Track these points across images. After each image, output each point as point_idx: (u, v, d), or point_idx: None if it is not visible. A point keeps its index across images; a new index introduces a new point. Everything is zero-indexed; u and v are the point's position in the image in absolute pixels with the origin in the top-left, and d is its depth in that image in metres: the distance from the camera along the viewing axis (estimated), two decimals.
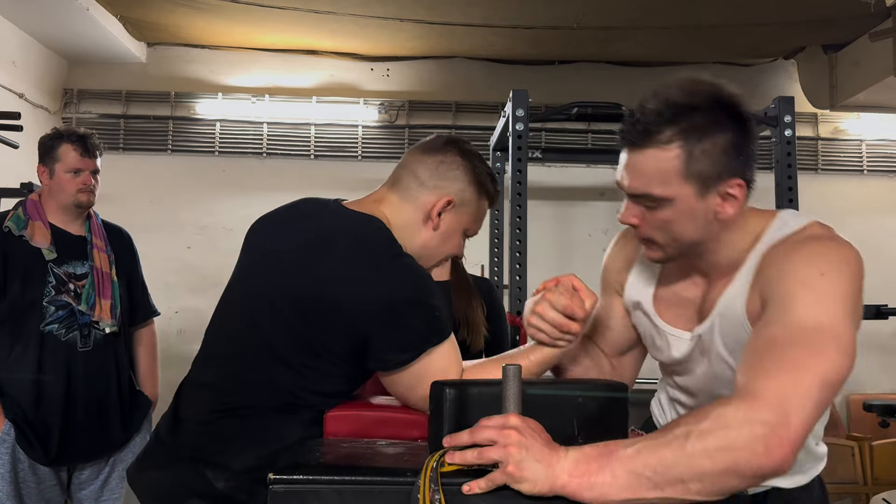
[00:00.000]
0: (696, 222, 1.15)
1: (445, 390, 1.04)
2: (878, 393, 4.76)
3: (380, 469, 0.98)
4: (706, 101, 1.12)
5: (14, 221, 2.38)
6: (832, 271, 1.07)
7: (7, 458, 2.28)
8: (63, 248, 2.41)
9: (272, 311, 1.28)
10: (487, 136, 4.01)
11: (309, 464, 0.99)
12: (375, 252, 1.26)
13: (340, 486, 0.92)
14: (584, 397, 1.11)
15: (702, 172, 1.11)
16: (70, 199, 2.45)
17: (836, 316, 1.03)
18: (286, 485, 0.92)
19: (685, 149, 1.10)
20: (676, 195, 1.12)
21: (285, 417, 1.25)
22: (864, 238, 5.39)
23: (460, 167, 1.38)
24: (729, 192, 1.13)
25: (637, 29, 4.26)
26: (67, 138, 2.47)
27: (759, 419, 0.92)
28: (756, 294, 1.14)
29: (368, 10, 4.06)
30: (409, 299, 1.24)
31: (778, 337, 1.02)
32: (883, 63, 4.17)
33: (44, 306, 2.35)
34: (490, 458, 0.91)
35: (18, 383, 2.32)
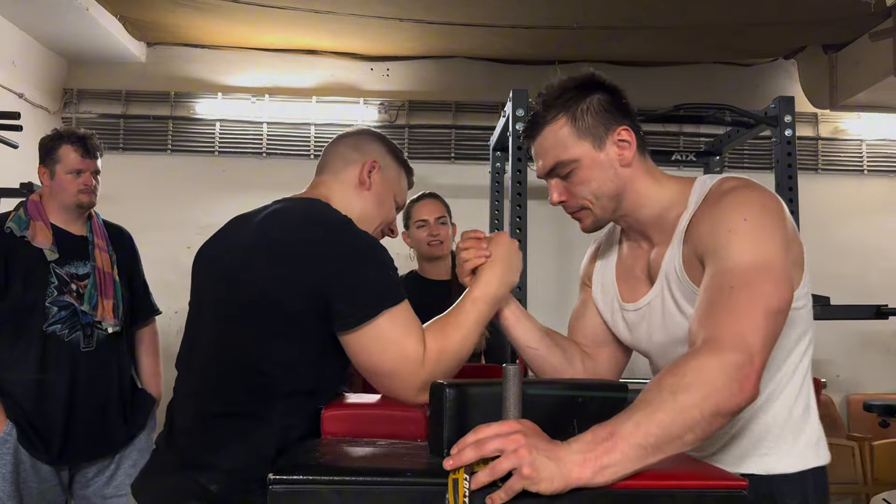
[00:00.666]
0: (605, 172, 1.32)
1: (445, 390, 1.04)
2: (878, 393, 4.76)
3: (380, 469, 0.98)
4: (572, 82, 1.34)
5: (16, 222, 2.38)
6: (752, 215, 1.19)
7: (9, 459, 2.28)
8: (65, 248, 2.41)
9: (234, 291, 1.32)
10: (487, 136, 4.01)
11: (309, 464, 0.99)
12: (325, 218, 1.33)
13: (340, 486, 0.92)
14: (583, 397, 1.11)
15: (590, 127, 1.31)
16: (71, 200, 2.46)
17: (765, 253, 1.15)
18: (286, 485, 0.92)
19: (569, 114, 1.31)
20: (579, 154, 1.31)
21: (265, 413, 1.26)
22: (864, 238, 5.43)
23: (375, 140, 1.54)
24: (619, 138, 1.32)
25: (637, 29, 4.26)
26: (68, 139, 2.48)
27: (729, 361, 1.03)
28: (691, 252, 1.26)
29: (368, 9, 4.07)
30: (363, 256, 1.28)
31: (721, 285, 1.13)
32: (883, 63, 4.17)
33: (46, 307, 2.35)
34: (503, 468, 0.90)
35: (21, 384, 2.33)
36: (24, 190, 3.29)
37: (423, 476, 0.95)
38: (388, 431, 1.19)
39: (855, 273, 4.76)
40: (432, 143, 4.86)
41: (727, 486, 0.94)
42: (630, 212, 1.36)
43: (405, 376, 1.26)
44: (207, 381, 1.34)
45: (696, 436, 0.99)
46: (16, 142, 3.32)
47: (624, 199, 1.34)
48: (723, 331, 1.07)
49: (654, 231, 1.37)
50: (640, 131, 1.36)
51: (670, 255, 1.31)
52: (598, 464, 0.93)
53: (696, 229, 1.25)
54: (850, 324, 4.47)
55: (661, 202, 1.34)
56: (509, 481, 0.90)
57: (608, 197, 1.34)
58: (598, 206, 1.35)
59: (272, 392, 1.26)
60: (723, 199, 1.24)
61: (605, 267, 1.51)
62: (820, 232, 4.66)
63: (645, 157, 1.36)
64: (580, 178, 1.33)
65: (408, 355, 1.26)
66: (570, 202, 1.37)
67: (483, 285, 1.38)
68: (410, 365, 1.25)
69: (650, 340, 1.39)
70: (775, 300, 1.11)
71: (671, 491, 0.94)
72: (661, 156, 3.84)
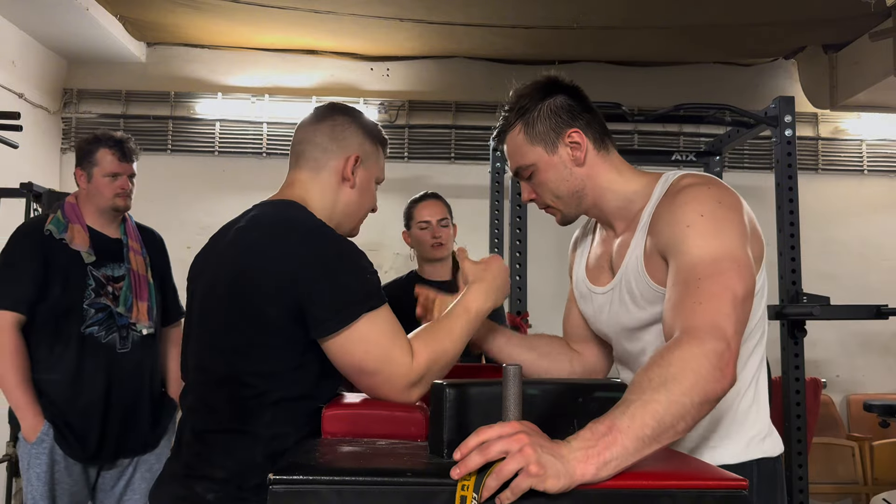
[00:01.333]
0: (560, 173, 1.39)
1: (445, 390, 1.04)
2: (878, 393, 4.76)
3: (380, 469, 0.98)
4: (529, 89, 1.40)
5: (55, 225, 2.41)
6: (708, 210, 1.24)
7: (44, 458, 2.32)
8: (101, 250, 2.45)
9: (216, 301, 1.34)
10: (487, 136, 4.01)
11: (309, 464, 0.99)
12: (298, 224, 1.33)
13: (340, 486, 0.92)
14: (583, 397, 1.11)
15: (540, 133, 1.38)
16: (107, 203, 2.48)
17: (724, 244, 1.20)
18: (286, 485, 0.92)
19: (523, 122, 1.39)
20: (534, 159, 1.39)
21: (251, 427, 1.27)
22: (864, 238, 5.43)
23: (352, 125, 1.49)
24: (570, 140, 1.37)
25: (637, 29, 4.26)
26: (105, 142, 2.50)
27: (710, 349, 1.07)
28: (652, 246, 1.31)
29: (368, 9, 4.07)
30: (336, 260, 1.28)
31: (688, 279, 1.18)
32: (883, 63, 4.17)
33: (84, 309, 2.39)
34: (510, 469, 0.89)
35: (58, 383, 2.36)
36: (24, 190, 3.29)
37: (423, 476, 0.95)
38: (388, 431, 1.19)
39: (855, 273, 4.76)
40: (432, 143, 4.86)
41: (727, 486, 0.94)
42: (595, 204, 1.42)
43: (389, 378, 1.25)
44: (198, 396, 1.36)
45: (688, 423, 1.03)
46: (16, 142, 3.32)
47: (585, 195, 1.41)
48: (697, 321, 1.12)
49: (618, 221, 1.42)
50: (597, 128, 1.41)
51: (632, 247, 1.36)
52: (600, 459, 0.93)
53: (658, 223, 1.30)
54: (850, 324, 4.47)
55: (625, 194, 1.40)
56: (516, 480, 0.89)
57: (568, 195, 1.41)
58: (561, 204, 1.43)
59: (258, 403, 1.27)
60: (679, 196, 1.29)
61: (581, 255, 1.57)
62: (820, 232, 4.66)
63: (608, 152, 1.42)
64: (539, 180, 1.41)
65: (392, 357, 1.25)
66: (538, 200, 1.45)
67: (475, 297, 1.40)
68: (394, 367, 1.25)
69: (608, 325, 1.45)
70: (741, 288, 1.17)
71: (671, 491, 0.94)
72: (661, 156, 3.85)
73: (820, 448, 4.25)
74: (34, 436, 2.32)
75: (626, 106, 3.19)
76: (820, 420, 4.21)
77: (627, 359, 1.45)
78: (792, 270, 3.01)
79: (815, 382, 3.63)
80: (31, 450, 2.33)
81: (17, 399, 2.33)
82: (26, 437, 2.34)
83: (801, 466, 2.95)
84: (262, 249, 1.29)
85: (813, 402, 3.55)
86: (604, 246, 1.48)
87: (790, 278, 3.00)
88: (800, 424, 2.96)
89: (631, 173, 1.42)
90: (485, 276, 1.43)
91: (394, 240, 2.89)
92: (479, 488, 0.90)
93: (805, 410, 2.98)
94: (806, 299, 2.99)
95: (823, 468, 4.24)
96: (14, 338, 2.33)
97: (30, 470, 2.34)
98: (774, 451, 1.38)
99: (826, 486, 4.25)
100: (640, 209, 1.37)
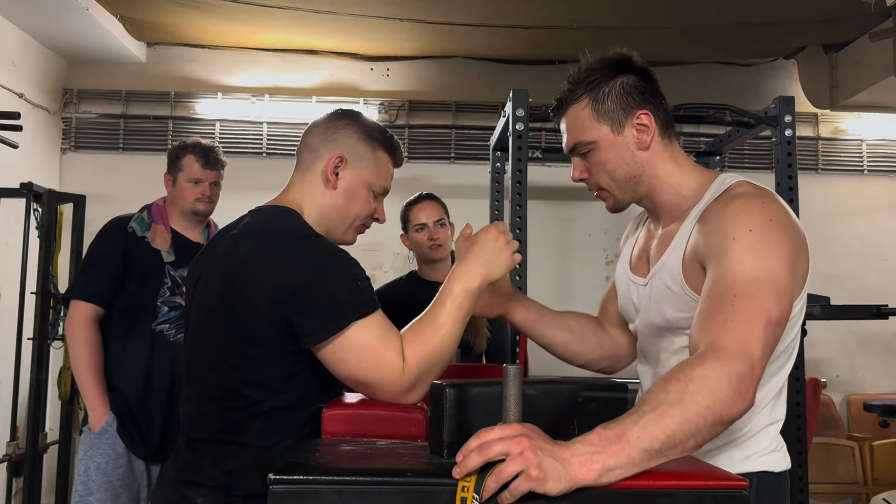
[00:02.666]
0: (621, 155, 1.34)
1: (445, 390, 1.04)
2: (878, 393, 4.76)
3: (380, 469, 0.98)
4: (600, 64, 1.36)
5: (138, 223, 2.52)
6: (758, 226, 1.19)
7: (107, 449, 2.38)
8: (181, 252, 2.51)
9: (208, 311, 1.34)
10: (487, 136, 4.01)
11: (309, 464, 0.99)
12: (286, 234, 1.31)
13: (340, 486, 0.92)
14: (584, 397, 1.11)
15: (609, 110, 1.33)
16: (189, 207, 2.58)
17: (768, 265, 1.16)
18: (286, 485, 0.92)
19: (591, 97, 1.34)
20: (597, 136, 1.34)
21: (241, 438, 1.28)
22: (864, 238, 5.42)
23: (346, 127, 1.45)
24: (638, 122, 1.33)
25: (637, 29, 4.26)
26: (192, 150, 2.61)
27: (732, 371, 1.05)
28: (692, 251, 1.27)
29: (368, 9, 4.06)
30: (325, 268, 1.26)
31: (723, 294, 1.15)
32: (883, 63, 4.17)
33: (157, 306, 2.46)
34: (510, 472, 0.89)
35: (128, 378, 2.43)
36: (24, 190, 3.29)
37: (423, 476, 0.95)
38: (388, 431, 1.19)
39: (855, 273, 4.76)
40: (432, 143, 4.86)
41: (727, 486, 0.94)
42: (648, 194, 1.38)
43: (384, 384, 1.25)
44: (194, 404, 1.37)
45: (697, 442, 1.01)
46: (16, 142, 3.32)
47: (641, 182, 1.36)
48: (726, 339, 1.09)
49: (666, 215, 1.39)
50: (666, 115, 1.37)
51: (674, 244, 1.32)
52: (604, 465, 0.93)
53: (705, 228, 1.26)
54: (850, 324, 4.47)
55: (680, 189, 1.36)
56: (515, 482, 0.89)
57: (624, 179, 1.36)
58: (616, 188, 1.38)
59: (250, 413, 1.28)
60: (732, 205, 1.24)
61: (628, 247, 1.54)
62: (820, 232, 4.66)
63: (670, 141, 1.37)
64: (598, 159, 1.36)
65: (385, 363, 1.24)
66: (590, 181, 1.40)
67: (457, 280, 1.33)
68: (388, 373, 1.24)
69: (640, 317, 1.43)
70: (776, 312, 1.13)
71: (671, 491, 0.94)
72: None
73: (820, 448, 4.25)
74: (99, 425, 2.38)
75: None
76: (820, 420, 4.20)
77: (647, 353, 1.44)
78: None
79: (815, 382, 3.62)
80: (94, 439, 2.39)
81: (88, 389, 2.39)
82: (92, 427, 2.40)
83: (801, 466, 2.94)
84: (250, 260, 1.29)
85: (813, 402, 3.55)
86: (647, 239, 1.46)
87: None
88: (800, 424, 2.96)
89: (690, 168, 1.39)
90: (469, 250, 1.36)
91: (394, 240, 2.89)
92: (479, 489, 0.90)
93: (805, 410, 2.98)
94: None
95: (823, 468, 4.24)
96: (90, 329, 2.41)
97: (89, 459, 2.38)
98: (778, 467, 1.35)
99: (826, 486, 4.25)
100: (690, 206, 1.34)
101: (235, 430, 1.28)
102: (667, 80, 1.46)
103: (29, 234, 3.38)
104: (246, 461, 1.26)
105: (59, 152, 4.69)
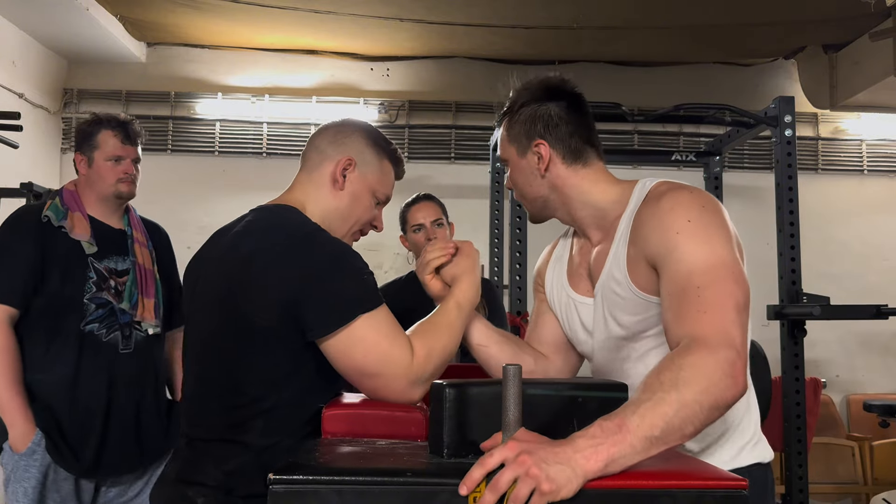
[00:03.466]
0: (526, 177, 1.42)
1: (445, 390, 1.04)
2: (878, 393, 4.76)
3: (380, 469, 0.98)
4: (530, 85, 1.43)
5: (52, 211, 2.19)
6: (694, 215, 1.23)
7: (35, 472, 2.09)
8: (103, 241, 2.23)
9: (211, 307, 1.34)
10: (487, 136, 4.01)
11: (309, 464, 0.99)
12: (291, 229, 1.33)
13: (340, 486, 0.92)
14: (583, 397, 1.11)
15: (516, 135, 1.41)
16: (110, 190, 2.27)
17: (716, 249, 1.20)
18: (286, 485, 0.92)
19: (507, 121, 1.44)
20: (508, 156, 1.44)
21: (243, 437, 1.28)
22: (864, 238, 5.42)
23: (356, 132, 1.49)
24: (535, 150, 1.39)
25: (637, 29, 4.26)
26: (107, 124, 2.30)
27: (722, 358, 1.08)
28: (636, 254, 1.29)
29: (368, 9, 4.07)
30: (330, 264, 1.27)
31: (685, 287, 1.18)
32: (883, 63, 4.17)
33: (84, 304, 2.16)
34: (524, 494, 0.89)
35: (54, 386, 2.14)
36: (24, 190, 3.29)
37: (423, 476, 0.95)
38: (388, 431, 1.19)
39: (855, 273, 4.76)
40: (432, 143, 4.86)
41: (727, 486, 0.94)
42: (562, 211, 1.43)
43: (391, 376, 1.26)
44: (195, 402, 1.37)
45: (696, 428, 1.03)
46: (16, 142, 3.32)
47: (549, 203, 1.43)
48: (706, 330, 1.12)
49: (592, 230, 1.42)
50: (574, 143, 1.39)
51: (612, 255, 1.34)
52: (609, 455, 0.94)
53: (641, 230, 1.29)
54: (850, 324, 4.47)
55: (597, 204, 1.39)
56: (532, 501, 0.90)
57: (531, 199, 1.44)
58: (527, 204, 1.46)
59: (252, 411, 1.28)
60: (662, 201, 1.27)
61: (559, 263, 1.54)
62: (820, 232, 4.66)
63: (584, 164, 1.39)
64: (511, 176, 1.46)
65: (391, 357, 1.25)
66: (515, 193, 1.48)
67: (465, 290, 1.40)
68: (394, 367, 1.25)
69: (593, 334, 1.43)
70: (740, 295, 1.17)
71: (671, 491, 0.94)
72: (661, 156, 3.85)
73: (820, 448, 4.26)
74: (24, 445, 2.07)
75: (626, 106, 3.18)
76: (820, 420, 4.21)
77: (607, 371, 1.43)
78: (792, 270, 3.01)
79: (815, 382, 3.63)
80: (19, 461, 2.08)
81: (7, 403, 2.08)
82: (14, 447, 2.08)
83: (801, 466, 2.95)
84: (255, 256, 1.29)
85: (813, 402, 3.55)
86: (581, 255, 1.47)
87: (790, 278, 3.00)
88: (800, 424, 2.96)
89: (607, 184, 1.41)
90: (474, 270, 1.43)
91: (394, 240, 2.89)
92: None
93: (805, 410, 2.98)
94: (806, 299, 2.99)
95: (823, 468, 4.24)
96: (5, 334, 2.10)
97: (16, 483, 2.08)
98: (765, 458, 1.38)
99: (826, 486, 4.25)
100: (616, 217, 1.36)
101: (237, 428, 1.28)
102: (667, 80, 1.47)
103: None
104: (247, 461, 1.26)
105: (59, 152, 4.70)
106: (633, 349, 1.36)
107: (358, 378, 1.29)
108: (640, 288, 1.29)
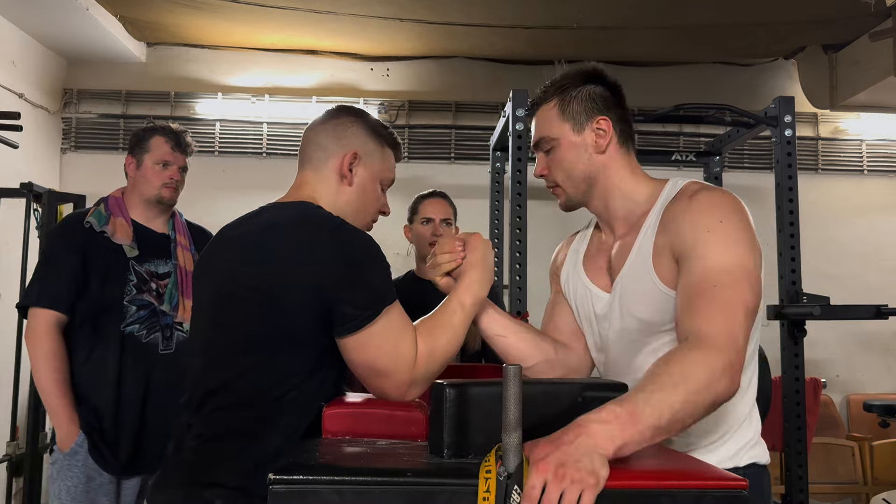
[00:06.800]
0: (578, 154, 1.42)
1: (446, 390, 1.04)
2: (878, 393, 4.76)
3: (380, 469, 0.98)
4: (573, 72, 1.47)
5: (95, 217, 2.28)
6: (727, 217, 1.27)
7: (78, 472, 2.16)
8: (145, 245, 2.31)
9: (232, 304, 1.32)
10: (487, 136, 4.01)
11: (309, 464, 0.99)
12: (317, 225, 1.32)
13: (340, 486, 0.92)
14: (584, 397, 1.11)
15: (573, 112, 1.43)
16: (154, 193, 2.36)
17: (741, 255, 1.24)
18: (286, 485, 0.92)
19: (559, 98, 1.44)
20: (560, 133, 1.43)
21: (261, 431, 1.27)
22: (864, 238, 5.42)
23: (354, 124, 1.49)
24: (598, 126, 1.42)
25: (637, 29, 4.26)
26: (161, 131, 2.41)
27: (723, 358, 1.13)
28: (663, 246, 1.32)
29: (368, 9, 4.07)
30: (361, 258, 1.28)
31: (704, 282, 1.22)
32: (883, 63, 4.17)
33: (124, 306, 2.24)
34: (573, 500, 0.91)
35: (98, 387, 2.21)
36: (24, 190, 3.29)
37: (423, 476, 0.95)
38: (388, 431, 1.19)
39: (855, 273, 4.76)
40: (432, 143, 4.86)
41: (727, 486, 0.95)
42: (600, 198, 1.45)
43: (397, 375, 1.26)
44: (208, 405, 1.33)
45: (694, 421, 1.09)
46: (16, 142, 3.32)
47: (595, 185, 1.43)
48: (713, 328, 1.16)
49: (620, 224, 1.44)
50: (625, 126, 1.45)
51: (636, 248, 1.37)
52: (622, 441, 0.99)
53: (672, 223, 1.32)
54: (850, 324, 4.47)
55: (632, 196, 1.42)
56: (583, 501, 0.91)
57: (579, 178, 1.43)
58: (570, 185, 1.45)
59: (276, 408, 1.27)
60: (698, 199, 1.31)
61: (576, 255, 1.56)
62: (820, 232, 4.66)
63: (627, 152, 1.45)
64: (557, 156, 1.44)
65: (401, 354, 1.26)
66: (548, 177, 1.47)
67: (468, 288, 1.41)
68: (401, 363, 1.26)
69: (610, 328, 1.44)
70: (752, 300, 1.22)
71: (671, 491, 0.94)
72: (661, 156, 3.85)
73: (820, 448, 4.26)
74: (68, 445, 2.16)
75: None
76: (820, 420, 4.21)
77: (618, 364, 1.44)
78: (792, 270, 3.01)
79: (815, 382, 3.63)
80: (64, 460, 2.17)
81: (54, 405, 2.18)
82: (60, 447, 2.18)
83: (801, 466, 2.95)
84: (286, 250, 1.29)
85: (813, 402, 3.55)
86: (601, 249, 1.49)
87: (790, 278, 3.01)
88: (800, 424, 2.96)
89: (643, 178, 1.45)
90: (481, 263, 1.43)
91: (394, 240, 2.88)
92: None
93: (805, 410, 2.98)
94: (806, 299, 2.99)
95: (823, 468, 4.24)
96: (53, 339, 2.19)
97: (60, 482, 2.17)
98: (763, 459, 1.40)
99: (826, 486, 4.25)
100: (644, 213, 1.39)
101: (260, 423, 1.27)
102: (667, 80, 1.49)
103: (29, 235, 3.38)
104: (265, 460, 1.23)
105: (59, 152, 4.70)
106: (647, 343, 1.37)
107: (367, 374, 1.29)
108: (662, 280, 1.32)
